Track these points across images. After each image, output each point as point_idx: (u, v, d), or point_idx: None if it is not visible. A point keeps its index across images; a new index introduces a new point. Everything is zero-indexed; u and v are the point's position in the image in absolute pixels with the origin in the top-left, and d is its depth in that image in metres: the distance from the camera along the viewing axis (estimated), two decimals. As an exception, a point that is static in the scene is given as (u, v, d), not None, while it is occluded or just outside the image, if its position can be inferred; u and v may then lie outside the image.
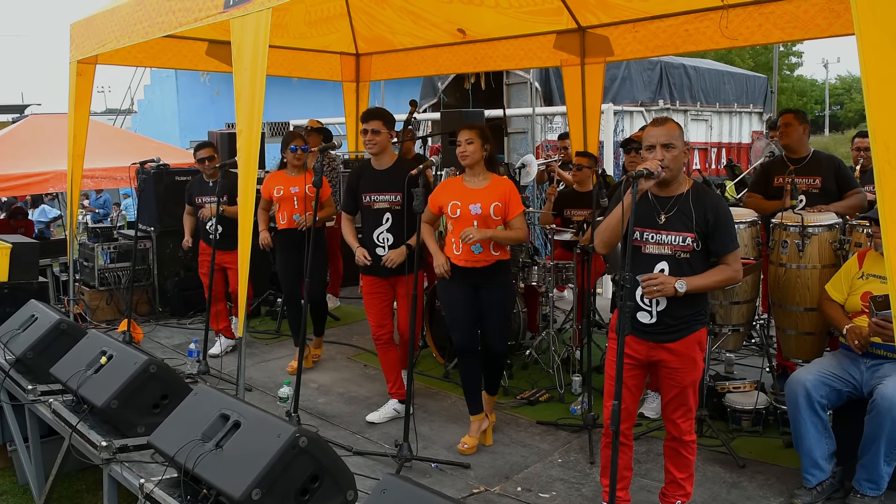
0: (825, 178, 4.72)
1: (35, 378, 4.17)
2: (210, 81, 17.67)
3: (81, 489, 4.34)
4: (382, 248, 4.40)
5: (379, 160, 4.47)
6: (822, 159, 4.86)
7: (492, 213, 3.94)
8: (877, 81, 2.17)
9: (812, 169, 4.79)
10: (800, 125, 4.85)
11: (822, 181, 4.72)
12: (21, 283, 5.78)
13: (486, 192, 3.99)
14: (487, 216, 3.95)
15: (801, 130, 4.86)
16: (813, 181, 4.75)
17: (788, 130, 4.87)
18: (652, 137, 2.98)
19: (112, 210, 15.33)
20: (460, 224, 3.97)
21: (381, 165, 4.47)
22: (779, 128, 5.03)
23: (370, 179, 4.45)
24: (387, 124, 4.43)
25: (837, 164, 4.84)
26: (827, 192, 4.69)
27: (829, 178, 4.72)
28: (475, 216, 3.95)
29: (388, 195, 4.40)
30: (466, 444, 4.13)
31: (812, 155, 4.88)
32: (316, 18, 6.47)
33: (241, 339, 3.97)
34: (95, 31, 5.38)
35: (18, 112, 17.01)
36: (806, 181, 4.76)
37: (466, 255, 3.98)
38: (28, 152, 8.60)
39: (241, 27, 3.79)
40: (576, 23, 5.82)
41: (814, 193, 4.71)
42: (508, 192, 3.99)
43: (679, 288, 2.94)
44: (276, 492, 2.57)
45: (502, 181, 4.06)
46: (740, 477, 3.73)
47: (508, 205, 3.97)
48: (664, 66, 13.23)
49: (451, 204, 3.99)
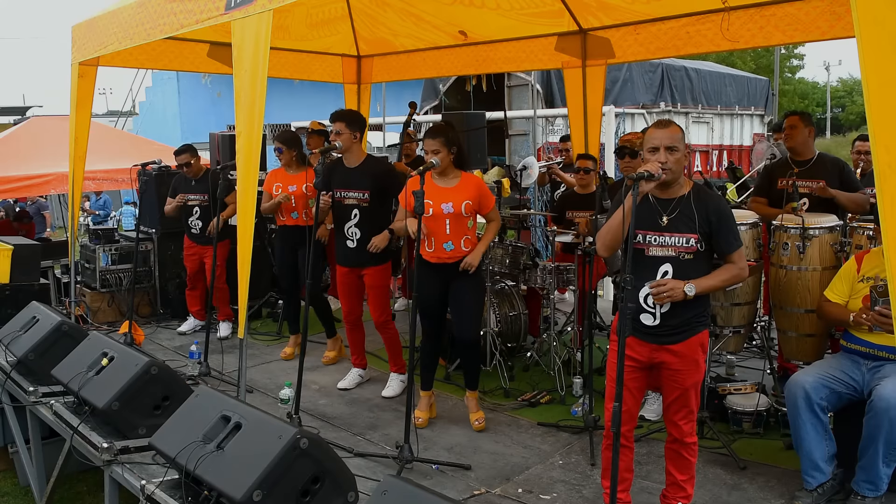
0: (829, 181, 4.68)
1: (36, 380, 4.17)
2: (211, 83, 17.69)
3: (83, 491, 4.34)
4: (352, 240, 4.71)
5: (348, 158, 4.75)
6: (827, 162, 4.83)
7: (463, 210, 4.15)
8: (877, 84, 2.18)
9: (816, 172, 4.76)
10: (805, 127, 4.83)
11: (826, 184, 4.68)
12: (22, 284, 5.79)
13: (456, 191, 4.19)
14: (459, 214, 4.15)
15: (807, 133, 4.83)
16: (816, 184, 4.71)
17: (794, 133, 4.85)
18: (656, 139, 2.98)
19: (112, 210, 15.36)
20: (432, 222, 4.14)
21: (350, 163, 4.75)
22: (784, 130, 4.99)
23: (340, 176, 4.73)
24: (350, 125, 4.68)
25: (842, 166, 4.81)
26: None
27: (834, 181, 4.68)
28: (447, 214, 4.14)
29: (356, 192, 4.69)
30: (420, 417, 4.40)
31: (817, 157, 4.84)
32: (317, 20, 6.47)
33: (242, 340, 3.97)
34: (97, 32, 5.39)
35: (20, 114, 17.02)
36: (809, 184, 4.73)
37: (438, 253, 4.20)
38: (29, 154, 8.60)
39: (242, 29, 3.80)
40: (577, 25, 5.82)
41: (817, 196, 4.67)
42: (478, 189, 4.23)
43: (689, 292, 2.96)
44: (277, 493, 2.57)
45: (471, 178, 4.27)
46: (741, 479, 3.73)
47: (480, 201, 4.22)
48: (665, 68, 13.22)
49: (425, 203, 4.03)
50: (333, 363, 5.76)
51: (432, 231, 4.17)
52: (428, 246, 4.20)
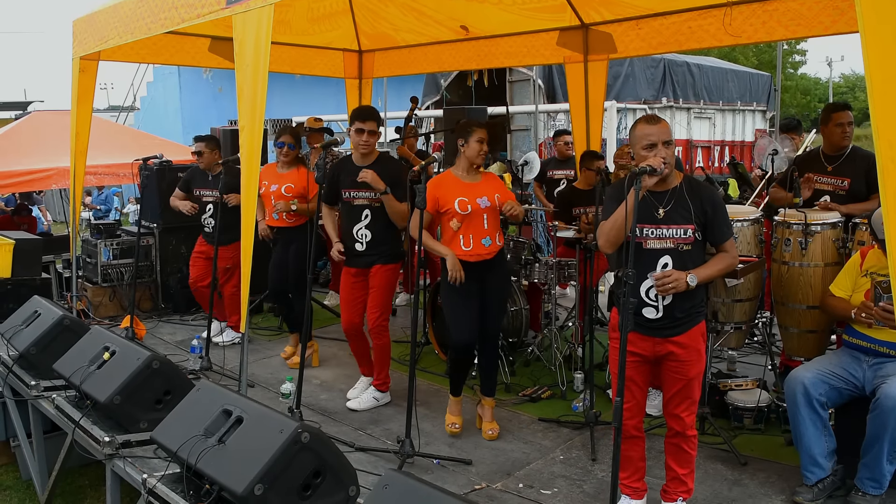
0: (855, 179, 4.51)
1: (38, 374, 4.17)
2: (213, 78, 17.64)
3: (84, 484, 4.35)
4: (360, 243, 4.50)
5: (364, 158, 4.52)
6: (858, 158, 4.58)
7: (497, 203, 4.15)
8: (881, 79, 2.17)
9: (844, 170, 4.57)
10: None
11: (851, 183, 4.52)
12: (24, 279, 5.81)
13: (484, 185, 4.18)
14: (494, 207, 4.14)
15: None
16: (841, 182, 4.57)
17: (850, 129, 4.58)
18: (652, 136, 3.01)
19: (115, 202, 15.35)
20: (470, 219, 4.08)
21: (363, 162, 4.50)
22: (841, 126, 4.62)
23: (352, 176, 4.45)
24: (380, 125, 4.52)
25: (873, 162, 4.57)
26: (854, 195, 4.49)
27: (859, 180, 4.50)
28: (485, 209, 4.10)
29: (368, 192, 4.45)
30: (456, 424, 4.28)
31: (850, 152, 4.61)
32: (319, 15, 6.46)
33: (243, 335, 3.98)
34: (98, 27, 5.38)
35: (21, 109, 17.01)
36: (833, 182, 4.59)
37: (477, 250, 4.11)
38: (31, 149, 8.59)
39: (243, 23, 3.79)
40: (579, 20, 5.81)
41: (840, 195, 4.53)
42: (498, 181, 4.29)
43: (691, 282, 3.02)
44: (278, 487, 2.58)
45: (490, 174, 4.30)
46: (742, 474, 3.73)
47: (504, 192, 4.24)
48: (668, 63, 13.20)
49: (459, 200, 4.04)
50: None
51: (470, 228, 4.08)
52: (465, 245, 4.08)
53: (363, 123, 4.41)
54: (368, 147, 4.45)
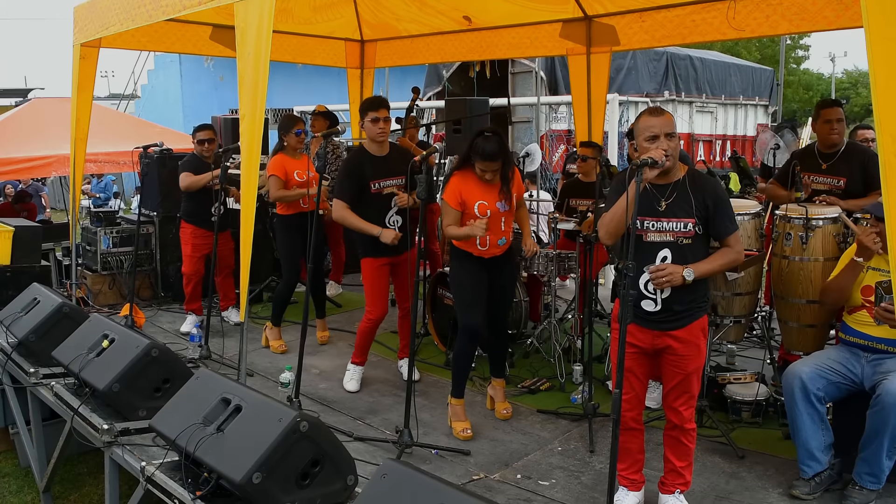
0: (850, 178, 4.49)
1: (37, 361, 4.17)
2: (214, 67, 17.61)
3: (83, 472, 4.37)
4: (393, 229, 4.53)
5: (380, 147, 4.61)
6: (854, 155, 4.57)
7: (514, 205, 4.20)
8: (884, 74, 2.17)
9: (839, 168, 4.55)
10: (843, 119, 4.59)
11: (847, 182, 4.51)
12: (24, 266, 5.80)
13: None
14: (512, 209, 4.20)
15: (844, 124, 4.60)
16: (836, 181, 4.55)
17: (840, 127, 4.55)
18: (655, 128, 2.99)
19: (114, 189, 15.33)
20: (490, 222, 4.05)
21: (380, 152, 4.61)
22: (829, 123, 4.60)
23: (376, 166, 4.56)
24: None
25: (868, 159, 4.50)
26: (850, 194, 4.48)
27: (855, 178, 4.48)
28: (504, 213, 4.13)
29: (394, 179, 4.57)
30: (468, 429, 4.16)
31: (845, 148, 4.59)
32: (321, 4, 6.43)
33: (242, 323, 3.98)
34: (99, 14, 5.36)
35: (22, 96, 16.97)
36: (829, 181, 4.57)
37: (492, 249, 4.15)
38: (31, 136, 8.59)
39: (245, 11, 3.77)
40: (582, 11, 5.79)
41: (836, 194, 4.51)
42: (515, 177, 4.22)
43: (688, 276, 3.00)
44: (276, 476, 2.58)
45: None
46: (739, 467, 3.74)
47: (518, 187, 4.25)
48: (670, 56, 13.18)
49: (479, 204, 4.05)
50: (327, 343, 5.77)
51: (488, 231, 4.04)
52: (481, 244, 4.10)
53: (377, 112, 4.49)
54: (385, 135, 4.55)
